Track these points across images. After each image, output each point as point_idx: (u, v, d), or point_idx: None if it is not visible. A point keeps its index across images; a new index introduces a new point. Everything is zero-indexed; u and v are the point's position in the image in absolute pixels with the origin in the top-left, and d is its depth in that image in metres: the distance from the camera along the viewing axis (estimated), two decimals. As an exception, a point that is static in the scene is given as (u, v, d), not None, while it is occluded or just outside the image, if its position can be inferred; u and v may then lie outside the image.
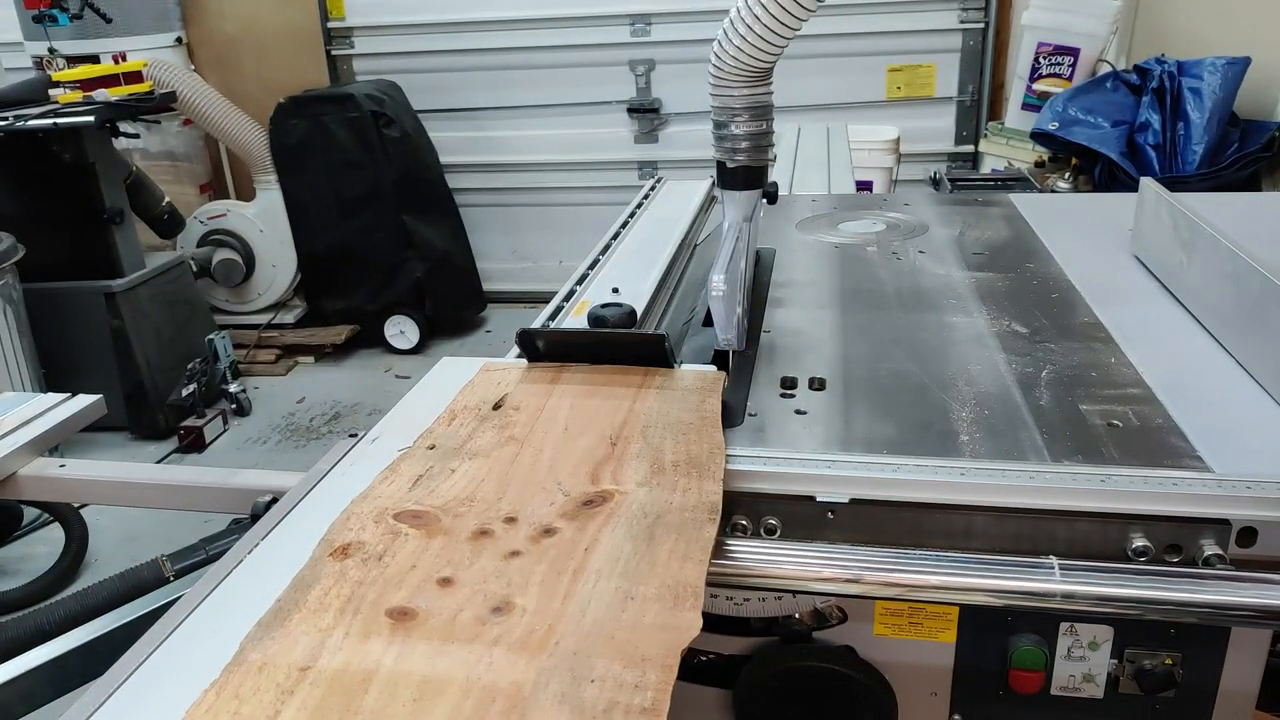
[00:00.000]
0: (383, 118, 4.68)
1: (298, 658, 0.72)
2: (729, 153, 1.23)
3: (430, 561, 0.83)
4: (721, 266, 1.18)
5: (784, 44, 1.12)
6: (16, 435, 1.38)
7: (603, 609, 0.76)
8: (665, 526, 0.87)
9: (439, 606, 0.77)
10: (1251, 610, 0.84)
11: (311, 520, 0.92)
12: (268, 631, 0.75)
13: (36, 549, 3.32)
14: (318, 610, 0.77)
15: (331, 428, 4.22)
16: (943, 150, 4.91)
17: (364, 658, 0.72)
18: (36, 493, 1.39)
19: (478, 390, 1.16)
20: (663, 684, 0.68)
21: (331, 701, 0.68)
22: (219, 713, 0.67)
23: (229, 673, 0.71)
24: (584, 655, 0.71)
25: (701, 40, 4.66)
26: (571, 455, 1.00)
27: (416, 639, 0.74)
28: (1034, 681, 1.01)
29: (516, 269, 5.52)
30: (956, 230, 1.81)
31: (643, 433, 1.03)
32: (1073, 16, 3.77)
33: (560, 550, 0.84)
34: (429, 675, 0.70)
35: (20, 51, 4.67)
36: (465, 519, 0.89)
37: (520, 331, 1.23)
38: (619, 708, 0.65)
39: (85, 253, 3.95)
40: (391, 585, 0.80)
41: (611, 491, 0.92)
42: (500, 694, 0.67)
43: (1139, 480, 0.92)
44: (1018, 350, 1.24)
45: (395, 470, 0.99)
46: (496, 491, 0.94)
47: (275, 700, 0.68)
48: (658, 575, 0.80)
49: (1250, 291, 1.15)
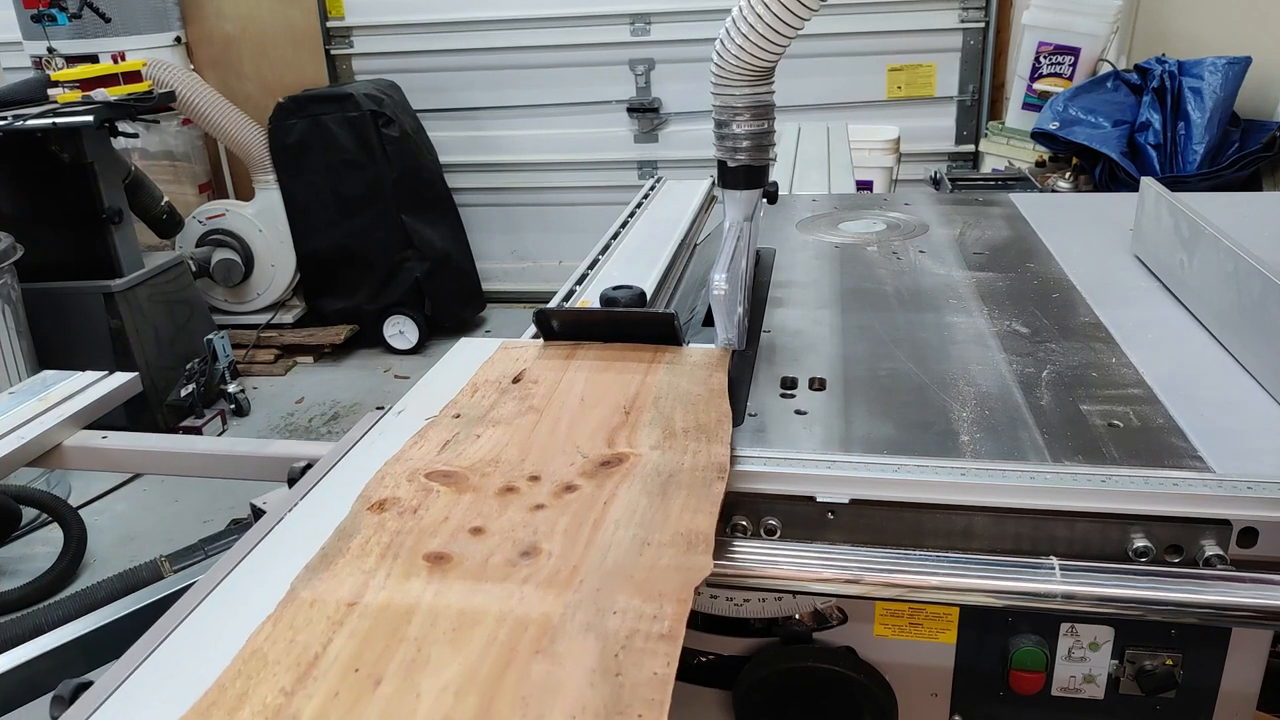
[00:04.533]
0: (382, 117, 4.68)
1: (345, 594, 0.79)
2: (730, 152, 1.23)
3: (461, 514, 0.90)
4: (723, 266, 1.18)
5: (786, 44, 1.12)
6: (60, 409, 1.46)
7: (622, 553, 0.82)
8: (677, 484, 0.93)
9: (471, 551, 0.84)
10: (1252, 611, 0.84)
11: (347, 481, 0.99)
12: (315, 574, 0.82)
13: (36, 549, 3.32)
14: (360, 555, 0.84)
15: (331, 428, 4.22)
16: (943, 150, 4.91)
17: (405, 595, 0.78)
18: (80, 462, 1.45)
19: (497, 366, 1.23)
20: (678, 615, 0.74)
21: (378, 630, 0.74)
22: (277, 640, 0.74)
23: (283, 608, 0.78)
24: (606, 592, 0.77)
25: (701, 40, 4.67)
26: (588, 423, 1.06)
27: (452, 579, 0.80)
28: (1034, 682, 1.01)
29: (516, 269, 5.52)
30: (957, 230, 1.81)
31: (654, 403, 1.10)
32: (1073, 16, 3.77)
33: (581, 504, 0.90)
34: (466, 609, 0.76)
35: (19, 51, 4.67)
36: (492, 478, 0.96)
37: (537, 311, 1.28)
38: (639, 634, 0.72)
39: (84, 252, 3.94)
40: (427, 534, 0.87)
41: (626, 454, 0.99)
42: (531, 623, 0.74)
43: (1139, 480, 0.92)
44: (1018, 350, 1.24)
45: (424, 436, 1.06)
46: (519, 454, 1.00)
47: (327, 630, 0.75)
48: (671, 525, 0.86)
49: (1251, 291, 1.14)
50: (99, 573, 3.14)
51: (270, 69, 5.26)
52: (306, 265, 4.94)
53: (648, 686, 0.67)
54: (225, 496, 3.57)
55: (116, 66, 4.09)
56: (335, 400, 4.48)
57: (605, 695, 0.66)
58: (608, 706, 0.65)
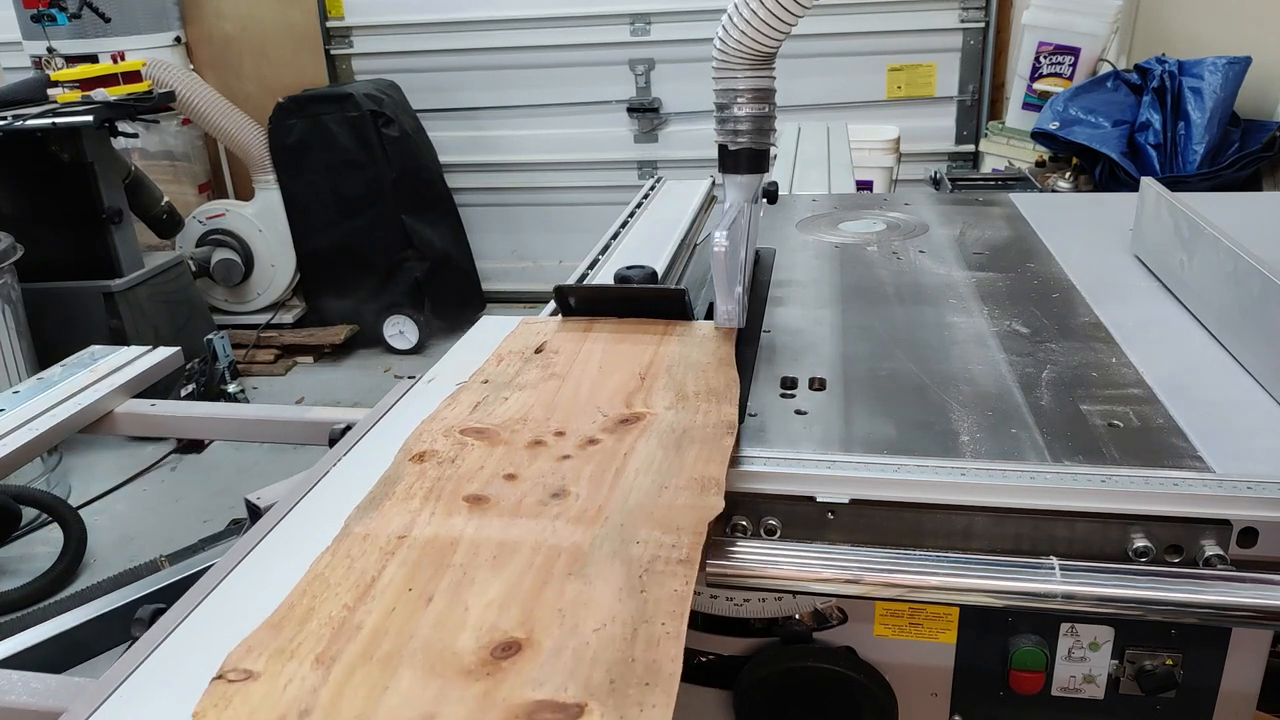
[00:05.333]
0: (382, 117, 4.68)
1: (394, 529, 0.88)
2: (731, 135, 1.23)
3: (495, 463, 0.99)
4: (724, 225, 1.18)
5: (787, 29, 1.14)
6: (110, 379, 1.56)
7: (642, 495, 0.91)
8: (690, 439, 1.01)
9: (506, 494, 0.93)
10: (1252, 611, 0.84)
11: (385, 439, 1.08)
12: (365, 513, 0.91)
13: (36, 549, 3.32)
14: (405, 498, 0.93)
15: (331, 427, 4.22)
16: (943, 150, 4.91)
17: (449, 529, 0.87)
18: (130, 428, 1.57)
19: (519, 338, 1.31)
20: (694, 544, 0.83)
21: (426, 558, 0.83)
22: (336, 566, 0.83)
23: (339, 541, 0.87)
24: (630, 526, 0.86)
25: (701, 40, 4.67)
26: (607, 387, 1.14)
27: (491, 516, 0.89)
28: (1034, 682, 1.01)
29: (516, 269, 5.51)
30: (957, 230, 1.81)
31: (667, 370, 1.18)
32: (1073, 16, 3.77)
33: (604, 455, 0.99)
34: (504, 540, 0.85)
35: (19, 51, 4.67)
36: (521, 433, 1.05)
37: (556, 287, 1.36)
38: (660, 560, 0.81)
39: (84, 252, 3.94)
40: (465, 480, 0.96)
41: (643, 413, 1.07)
42: (563, 551, 0.83)
43: (1139, 480, 0.92)
44: (1018, 350, 1.24)
45: (455, 399, 1.14)
46: (545, 414, 1.09)
47: (380, 558, 0.83)
48: (686, 472, 0.94)
49: (1251, 291, 1.14)
50: (99, 573, 3.14)
51: (270, 69, 5.25)
52: (306, 265, 4.94)
53: (670, 601, 0.76)
54: (225, 496, 3.57)
55: (116, 66, 4.09)
56: (335, 400, 4.48)
57: (632, 608, 0.75)
58: (635, 616, 0.74)
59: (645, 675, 0.68)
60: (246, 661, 0.72)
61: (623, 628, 0.73)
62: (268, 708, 0.67)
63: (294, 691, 0.69)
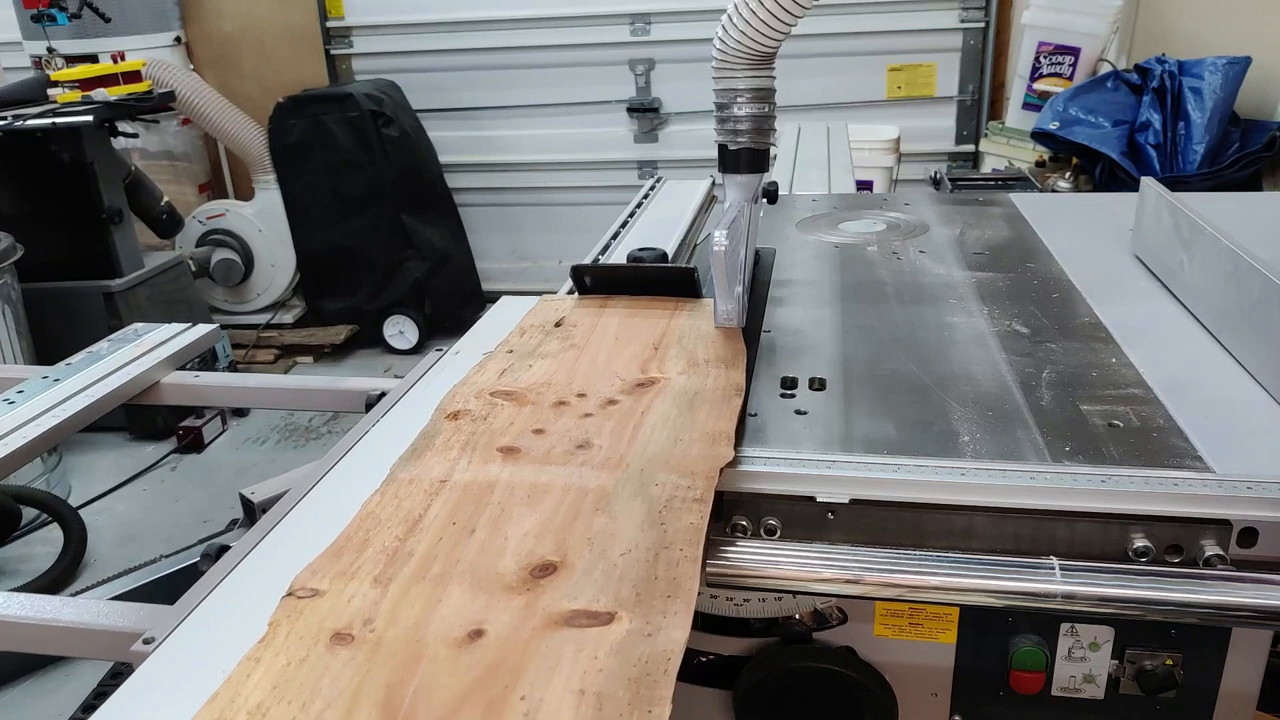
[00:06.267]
0: (382, 117, 4.68)
1: (436, 475, 0.97)
2: (731, 135, 1.23)
3: (524, 420, 1.08)
4: (723, 224, 1.18)
5: (787, 29, 1.14)
6: (156, 353, 1.67)
7: (659, 446, 0.99)
8: (701, 399, 1.09)
9: (536, 445, 1.02)
10: (1252, 611, 0.84)
11: (418, 403, 1.18)
12: (408, 462, 1.00)
13: (36, 549, 3.32)
14: (444, 449, 1.02)
15: (331, 428, 4.22)
16: (943, 150, 4.91)
17: (486, 474, 0.96)
18: (176, 398, 1.68)
19: (539, 314, 1.40)
20: (708, 486, 0.92)
21: (467, 498, 0.92)
22: (385, 505, 0.92)
23: (386, 485, 0.95)
24: (649, 471, 0.95)
25: (701, 40, 4.67)
26: (623, 355, 1.23)
27: (523, 464, 0.98)
28: (1034, 682, 1.00)
29: (516, 269, 5.51)
30: (957, 230, 1.81)
31: (679, 341, 1.27)
32: (1073, 16, 3.77)
33: (623, 413, 1.07)
34: (536, 483, 0.94)
35: (19, 51, 4.66)
36: (546, 395, 1.14)
37: (573, 267, 1.45)
38: (677, 499, 0.90)
39: (84, 252, 3.94)
40: (497, 434, 1.05)
41: (658, 378, 1.16)
42: (590, 492, 0.92)
43: (1139, 480, 0.92)
44: (1018, 350, 1.24)
45: (484, 366, 1.23)
46: (567, 379, 1.18)
47: (425, 499, 0.93)
48: (698, 427, 1.03)
49: (1251, 291, 1.14)
50: (99, 572, 3.14)
51: (270, 69, 5.25)
52: (306, 265, 4.94)
53: (687, 531, 0.85)
54: (225, 496, 3.57)
55: (116, 66, 4.09)
56: (335, 400, 4.48)
57: (653, 537, 0.84)
58: (656, 543, 0.84)
59: (667, 589, 0.78)
60: (312, 582, 0.81)
61: (645, 553, 0.82)
62: (335, 617, 0.77)
63: (357, 604, 0.78)
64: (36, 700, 2.65)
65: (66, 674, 2.72)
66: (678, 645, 0.71)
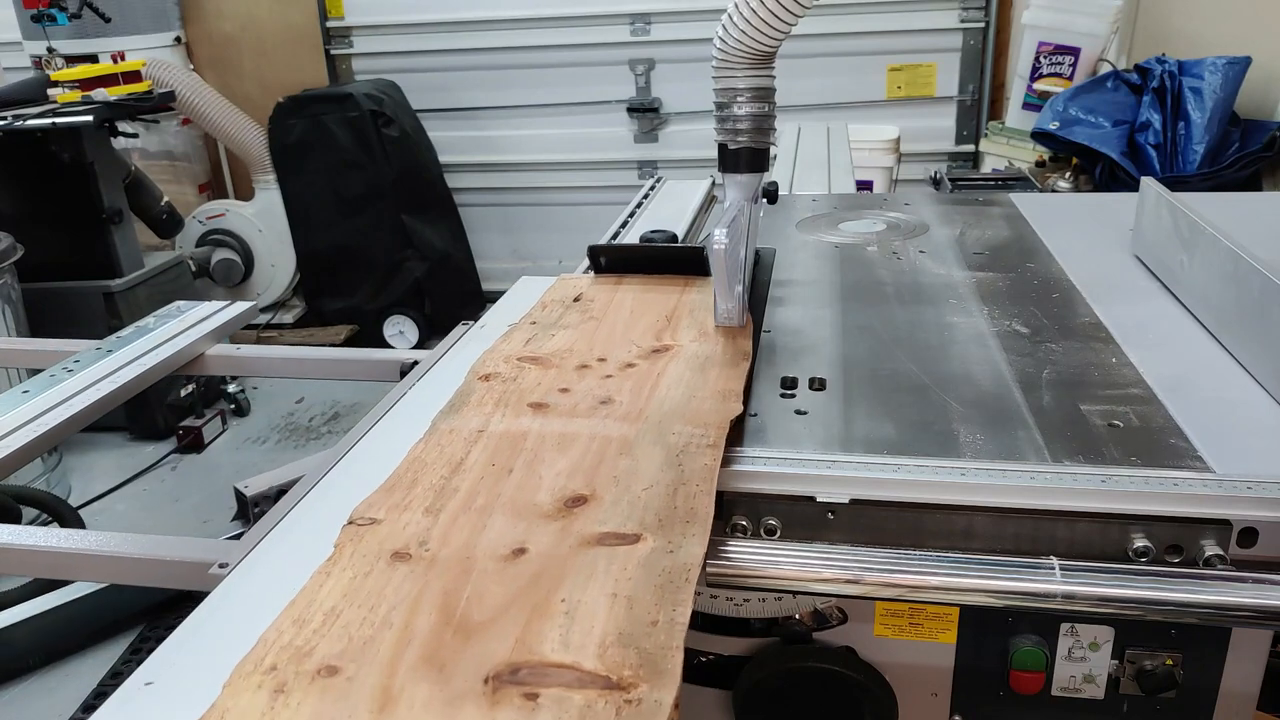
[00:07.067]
0: (382, 117, 4.68)
1: (473, 426, 1.07)
2: (731, 134, 1.23)
3: (550, 381, 1.17)
4: (723, 223, 1.18)
5: (787, 29, 1.14)
6: (200, 326, 1.80)
7: (675, 403, 1.09)
8: (712, 363, 1.19)
9: (562, 402, 1.11)
10: (1252, 611, 0.84)
11: (451, 369, 1.27)
12: (447, 416, 1.10)
13: (35, 549, 3.31)
14: (479, 405, 1.12)
15: (331, 428, 4.22)
16: (943, 150, 4.91)
17: (518, 426, 1.06)
18: (220, 368, 1.81)
19: (559, 290, 1.50)
20: (719, 435, 1.00)
21: (503, 445, 1.02)
22: (429, 451, 1.02)
23: (429, 435, 1.05)
24: (666, 423, 1.04)
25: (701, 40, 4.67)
26: (638, 326, 1.33)
27: (551, 417, 1.08)
28: (1034, 682, 1.01)
29: (516, 269, 5.51)
30: (957, 230, 1.81)
31: (690, 313, 1.36)
32: (1073, 16, 3.77)
33: (640, 375, 1.17)
34: (565, 432, 1.04)
35: (19, 51, 4.66)
36: (569, 360, 1.23)
37: (590, 247, 1.55)
38: (693, 444, 0.99)
39: (84, 252, 3.94)
40: (526, 393, 1.14)
41: (671, 345, 1.26)
42: (614, 440, 1.01)
43: (1139, 480, 0.92)
44: (1018, 350, 1.24)
45: (509, 336, 1.33)
46: (588, 346, 1.27)
47: (465, 446, 1.02)
48: (710, 387, 1.12)
49: (1251, 291, 1.14)
50: (99, 573, 3.13)
51: (270, 69, 5.25)
52: (306, 265, 4.94)
53: (701, 471, 0.94)
54: (225, 496, 3.57)
55: (116, 66, 4.09)
56: (335, 400, 4.48)
57: (672, 475, 0.94)
58: (674, 480, 0.93)
59: (685, 516, 0.87)
60: (370, 513, 0.91)
61: (665, 488, 0.92)
62: (393, 539, 0.86)
63: (411, 530, 0.88)
64: (36, 700, 2.65)
65: (66, 674, 2.72)
66: (696, 559, 0.81)
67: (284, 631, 0.75)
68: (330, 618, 0.76)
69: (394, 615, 0.76)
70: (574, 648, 0.71)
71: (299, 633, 0.75)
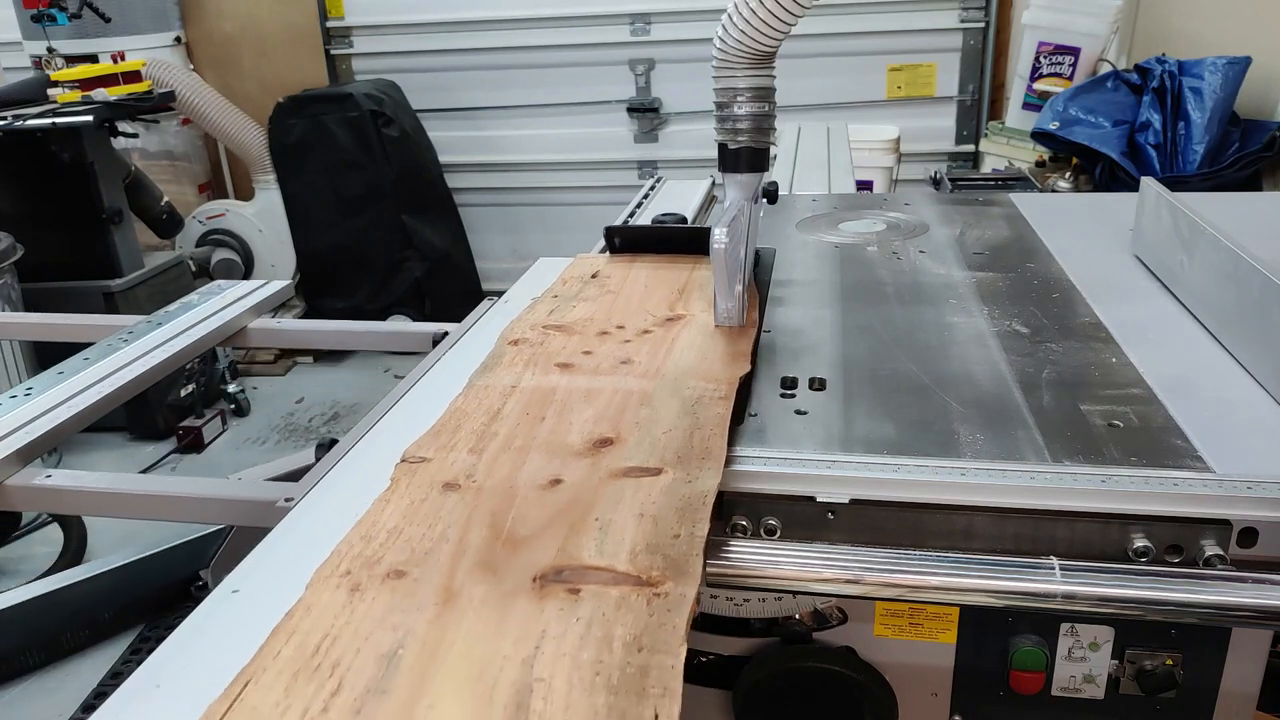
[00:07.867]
0: (382, 117, 4.68)
1: (506, 383, 1.17)
2: (731, 134, 1.23)
3: (573, 345, 1.28)
4: (724, 222, 1.19)
5: (787, 29, 1.14)
6: (243, 302, 1.91)
7: (688, 363, 1.20)
8: (721, 329, 1.29)
9: (586, 362, 1.22)
10: (1252, 611, 0.84)
11: (479, 339, 1.39)
12: (482, 374, 1.20)
13: (35, 549, 3.32)
14: (510, 365, 1.22)
15: (331, 428, 4.22)
16: (943, 150, 4.91)
17: (548, 382, 1.17)
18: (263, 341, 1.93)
19: (577, 268, 1.61)
20: (730, 389, 1.11)
21: (535, 397, 1.13)
22: (468, 403, 1.12)
23: (467, 390, 1.16)
24: (681, 379, 1.15)
25: (701, 40, 4.67)
26: (653, 298, 1.44)
27: (577, 375, 1.19)
28: (1034, 682, 1.01)
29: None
30: (957, 230, 1.81)
31: (700, 288, 1.46)
32: (1073, 16, 3.77)
33: (656, 340, 1.28)
34: (590, 388, 1.14)
35: (19, 51, 4.66)
36: (590, 328, 1.34)
37: (606, 228, 1.67)
38: (706, 397, 1.09)
39: (84, 252, 3.94)
40: (553, 355, 1.25)
41: (683, 315, 1.36)
42: (634, 393, 1.12)
43: (1139, 480, 0.92)
44: (1018, 350, 1.24)
45: (534, 308, 1.43)
46: (606, 316, 1.37)
47: (500, 399, 1.13)
48: (720, 349, 1.23)
49: (1251, 291, 1.14)
50: (99, 572, 3.13)
51: (270, 69, 5.25)
52: (306, 265, 4.94)
53: (714, 419, 1.04)
54: (225, 496, 3.56)
55: (116, 66, 4.09)
56: (335, 400, 4.48)
57: (688, 422, 1.04)
58: (690, 425, 1.03)
59: (701, 454, 0.97)
60: (419, 452, 1.01)
61: (683, 432, 1.01)
62: (443, 473, 0.97)
63: (458, 466, 0.98)
64: (36, 700, 2.65)
65: (66, 674, 2.72)
66: (712, 488, 0.91)
67: (354, 544, 0.86)
68: (393, 534, 0.87)
69: (449, 532, 0.87)
70: (608, 555, 0.82)
71: (367, 546, 0.86)
